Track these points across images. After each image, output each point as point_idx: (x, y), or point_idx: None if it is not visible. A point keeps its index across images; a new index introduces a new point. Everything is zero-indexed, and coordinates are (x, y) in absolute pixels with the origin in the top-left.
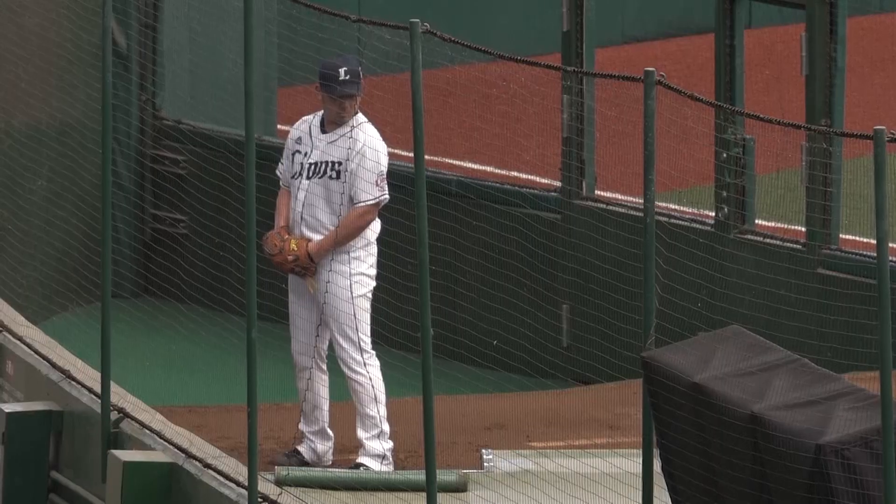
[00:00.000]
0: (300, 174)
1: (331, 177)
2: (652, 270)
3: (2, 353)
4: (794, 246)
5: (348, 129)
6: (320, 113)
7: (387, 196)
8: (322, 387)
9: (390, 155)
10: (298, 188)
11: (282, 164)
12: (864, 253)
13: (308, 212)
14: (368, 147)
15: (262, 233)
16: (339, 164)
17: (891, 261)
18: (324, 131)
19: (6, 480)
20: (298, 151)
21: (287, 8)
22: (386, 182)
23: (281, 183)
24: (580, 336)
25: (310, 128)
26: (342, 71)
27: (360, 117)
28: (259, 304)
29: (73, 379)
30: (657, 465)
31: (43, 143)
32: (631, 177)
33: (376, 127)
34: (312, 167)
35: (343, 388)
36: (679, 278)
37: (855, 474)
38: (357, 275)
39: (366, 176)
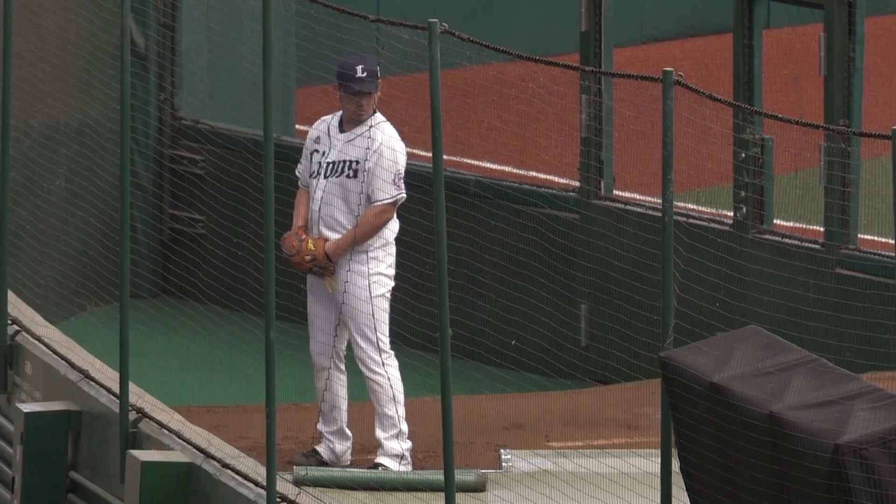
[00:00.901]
0: (318, 173)
1: (348, 175)
2: (670, 270)
3: (20, 353)
4: (813, 246)
5: (366, 128)
6: (339, 113)
7: (404, 195)
8: (340, 387)
9: (408, 155)
10: (316, 187)
11: (301, 163)
12: (883, 253)
13: (325, 211)
14: (386, 146)
15: (280, 233)
16: (357, 162)
17: None
18: (342, 131)
19: (25, 480)
20: (317, 151)
21: (305, 8)
22: (403, 181)
23: (300, 183)
24: (599, 336)
25: (328, 127)
26: (359, 68)
27: (378, 116)
28: (277, 304)
29: (92, 379)
30: (675, 465)
31: (61, 143)
32: (649, 177)
33: (394, 126)
34: (330, 166)
35: (361, 388)
36: (697, 278)
37: (873, 474)
38: (375, 274)
39: (383, 175)
